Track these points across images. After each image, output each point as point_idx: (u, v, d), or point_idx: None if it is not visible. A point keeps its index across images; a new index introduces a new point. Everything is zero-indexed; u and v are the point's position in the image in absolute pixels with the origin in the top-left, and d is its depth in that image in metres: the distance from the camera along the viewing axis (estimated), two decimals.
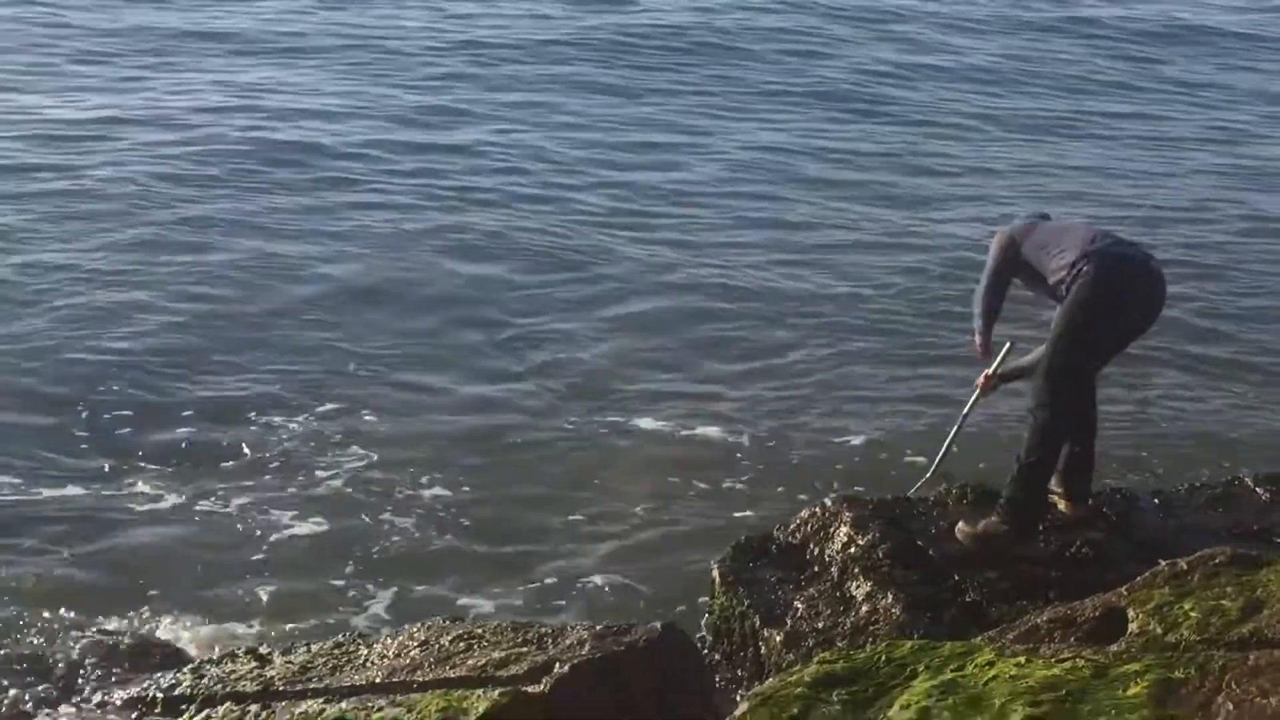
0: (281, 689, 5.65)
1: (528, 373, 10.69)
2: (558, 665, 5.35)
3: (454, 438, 9.58)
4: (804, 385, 10.63)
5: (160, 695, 5.78)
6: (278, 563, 7.99)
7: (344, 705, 5.40)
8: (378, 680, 5.55)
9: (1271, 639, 4.33)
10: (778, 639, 5.80)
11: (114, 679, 6.25)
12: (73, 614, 7.22)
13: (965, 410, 7.30)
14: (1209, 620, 4.53)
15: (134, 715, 5.75)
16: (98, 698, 6.07)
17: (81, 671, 6.40)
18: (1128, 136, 18.60)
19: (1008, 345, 7.05)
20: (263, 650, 6.13)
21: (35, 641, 6.93)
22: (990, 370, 7.06)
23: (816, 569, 6.40)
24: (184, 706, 5.66)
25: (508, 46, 20.79)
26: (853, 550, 6.34)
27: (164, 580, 7.74)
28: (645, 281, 12.56)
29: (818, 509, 6.74)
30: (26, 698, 6.18)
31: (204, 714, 5.55)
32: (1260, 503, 6.94)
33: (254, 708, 5.50)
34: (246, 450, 9.18)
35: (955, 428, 7.37)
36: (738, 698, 5.40)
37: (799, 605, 6.06)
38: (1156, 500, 7.02)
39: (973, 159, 17.05)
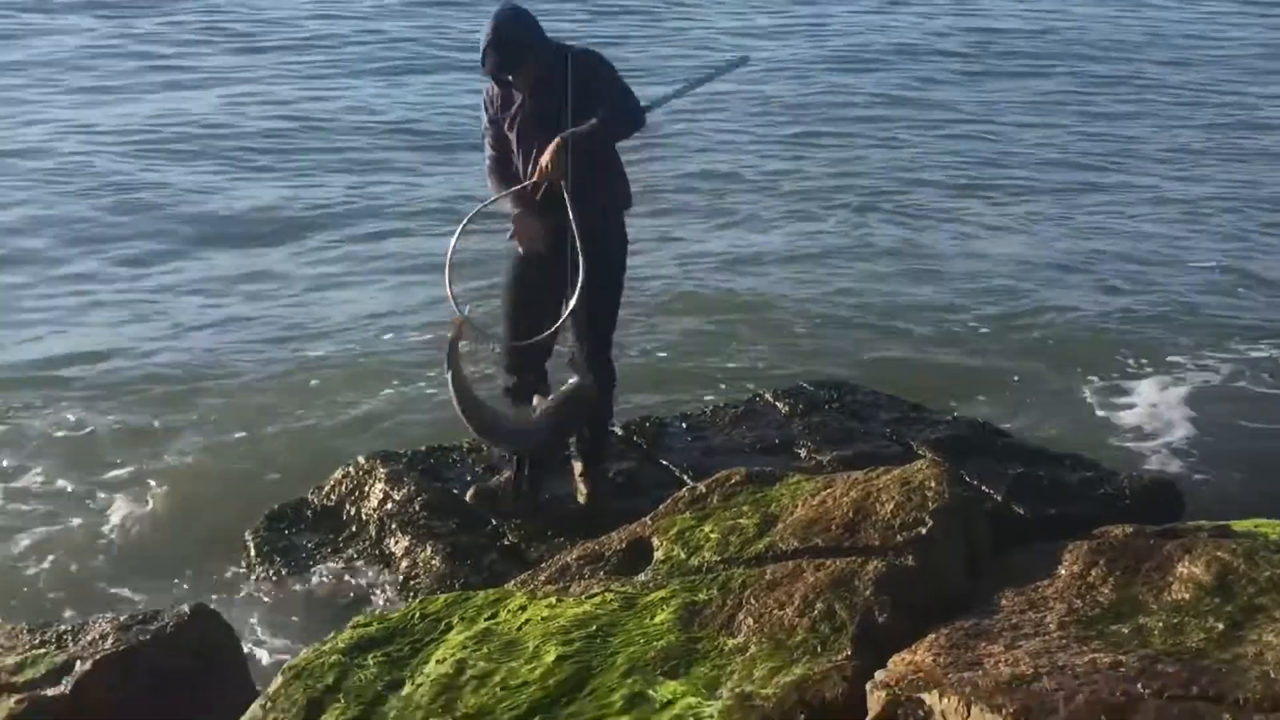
0: None
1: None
2: (79, 663, 5.05)
3: None
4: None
5: None
6: None
7: None
8: None
9: (786, 551, 4.52)
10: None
11: None
12: None
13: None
14: (728, 540, 4.69)
15: None
16: None
17: None
18: None
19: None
20: None
21: None
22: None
23: (354, 529, 6.26)
24: None
25: None
26: (389, 506, 6.25)
27: None
28: None
29: (351, 468, 6.60)
30: None
31: None
32: (780, 416, 7.23)
33: None
34: None
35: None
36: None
37: (339, 568, 5.91)
38: (684, 424, 7.20)
39: None
